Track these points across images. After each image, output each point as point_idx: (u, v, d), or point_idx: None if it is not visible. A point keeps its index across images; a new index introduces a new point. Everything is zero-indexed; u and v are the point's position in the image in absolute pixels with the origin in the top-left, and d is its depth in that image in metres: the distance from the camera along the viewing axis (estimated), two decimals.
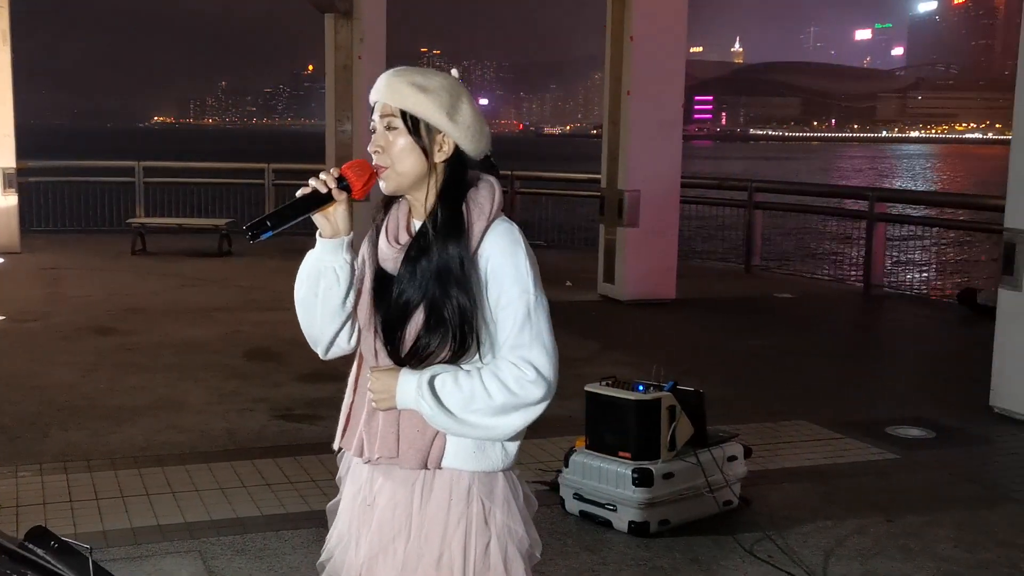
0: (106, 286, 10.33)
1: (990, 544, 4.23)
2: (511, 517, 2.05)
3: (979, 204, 11.75)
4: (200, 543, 4.08)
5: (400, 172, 2.01)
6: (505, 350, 1.99)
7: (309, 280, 2.07)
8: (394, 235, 2.07)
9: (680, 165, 9.98)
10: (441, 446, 2.01)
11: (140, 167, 14.74)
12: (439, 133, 2.01)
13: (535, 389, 1.97)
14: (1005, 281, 6.21)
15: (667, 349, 7.87)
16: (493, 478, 2.04)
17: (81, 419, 5.74)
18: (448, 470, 2.02)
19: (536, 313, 1.99)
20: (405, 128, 2.00)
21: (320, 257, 2.05)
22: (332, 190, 1.98)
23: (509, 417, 1.97)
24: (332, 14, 12.34)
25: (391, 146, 2.01)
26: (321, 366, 6.83)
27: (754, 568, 3.96)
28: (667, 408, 4.24)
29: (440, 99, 2.00)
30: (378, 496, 2.08)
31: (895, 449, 5.49)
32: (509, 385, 1.96)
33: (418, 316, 2.00)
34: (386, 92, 2.02)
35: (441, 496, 2.02)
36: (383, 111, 2.02)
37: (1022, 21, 6.11)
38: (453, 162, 2.03)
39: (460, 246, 1.98)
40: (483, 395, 1.96)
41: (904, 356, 8.09)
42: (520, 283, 1.99)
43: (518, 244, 2.01)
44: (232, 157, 26.56)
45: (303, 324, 2.12)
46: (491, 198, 2.03)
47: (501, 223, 2.02)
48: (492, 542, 2.03)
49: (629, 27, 9.55)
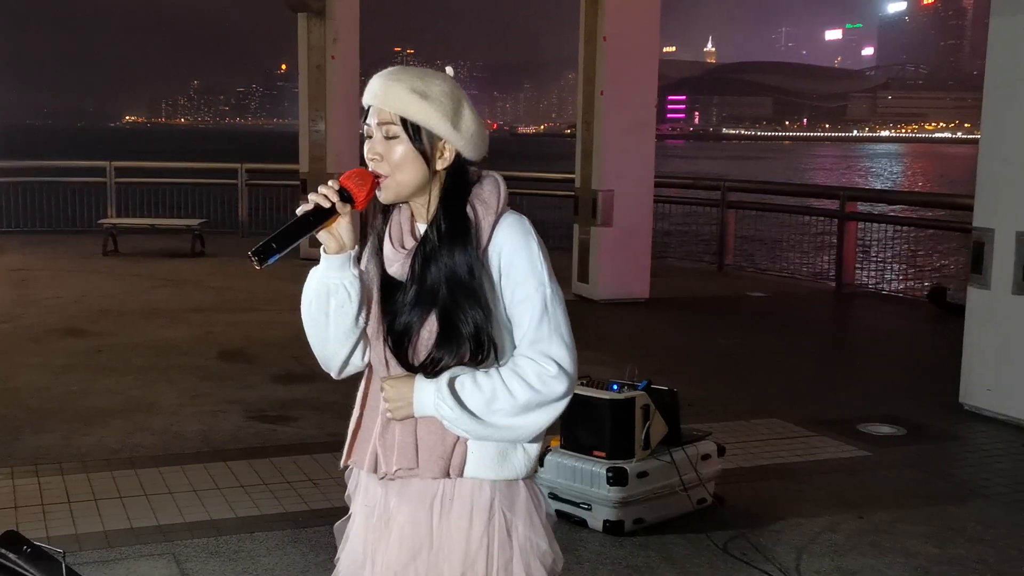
0: (77, 287, 10.25)
1: (960, 540, 4.28)
2: (534, 530, 1.98)
3: (949, 203, 11.87)
4: (174, 545, 4.06)
5: (400, 181, 1.94)
6: (524, 346, 1.93)
7: (318, 300, 1.95)
8: (399, 240, 1.99)
9: (653, 164, 10.02)
10: (463, 452, 1.94)
11: (112, 167, 14.63)
12: (440, 140, 1.94)
13: (558, 384, 1.91)
14: (974, 279, 6.27)
15: (641, 348, 7.90)
16: (515, 487, 1.98)
17: (53, 422, 5.70)
18: (469, 480, 1.95)
19: (553, 305, 1.94)
20: (406, 136, 1.92)
21: (327, 275, 1.93)
22: (335, 204, 1.89)
23: (533, 415, 1.91)
24: (305, 14, 12.28)
25: (390, 154, 1.93)
26: (295, 367, 6.85)
27: (728, 566, 3.99)
28: (641, 407, 4.26)
29: (443, 107, 1.92)
30: (396, 513, 2.00)
31: (866, 446, 5.54)
32: (531, 382, 1.90)
33: (429, 323, 1.93)
34: (384, 97, 1.93)
35: (462, 511, 1.95)
36: (381, 118, 1.93)
37: (990, 22, 6.18)
38: (454, 168, 1.97)
39: (468, 252, 1.91)
40: (505, 394, 1.89)
41: (875, 354, 8.16)
42: (536, 275, 1.93)
43: (529, 235, 1.96)
44: (205, 157, 26.42)
45: (315, 346, 2.01)
46: (496, 193, 1.97)
47: (510, 215, 1.97)
48: (515, 558, 1.96)
49: (602, 27, 9.58)
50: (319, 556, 3.99)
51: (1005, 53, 6.03)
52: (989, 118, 6.16)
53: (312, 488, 4.72)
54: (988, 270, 6.12)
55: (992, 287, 6.11)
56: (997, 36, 6.10)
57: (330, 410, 5.97)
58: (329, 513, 4.43)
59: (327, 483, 4.79)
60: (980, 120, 6.29)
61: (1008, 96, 6.00)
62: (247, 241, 14.27)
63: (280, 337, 7.88)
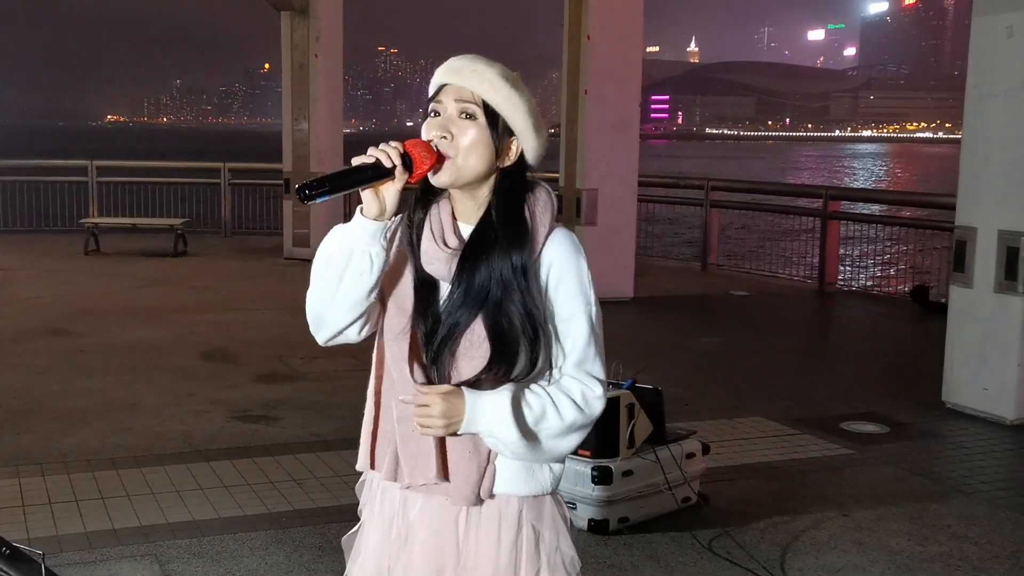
0: (58, 287, 10.18)
1: (942, 537, 4.30)
2: (561, 539, 1.95)
3: (931, 202, 11.93)
4: (156, 546, 4.03)
5: (463, 166, 1.82)
6: (569, 366, 1.87)
7: (337, 259, 1.80)
8: (441, 237, 1.87)
9: (637, 164, 10.03)
10: (493, 472, 1.87)
11: (93, 166, 14.55)
12: (512, 137, 1.86)
13: (599, 405, 1.87)
14: (956, 278, 6.31)
15: (625, 347, 7.89)
16: (541, 501, 1.92)
17: (33, 422, 5.65)
18: (498, 496, 1.88)
19: (598, 325, 1.90)
20: (484, 120, 1.82)
21: (357, 236, 1.79)
22: (396, 166, 1.76)
23: (572, 436, 1.86)
24: (288, 12, 12.25)
25: (462, 135, 1.82)
26: (278, 367, 6.83)
27: (712, 564, 3.99)
28: (626, 406, 4.26)
29: (530, 103, 1.86)
30: (417, 527, 1.91)
31: (850, 444, 5.56)
32: (579, 402, 1.85)
33: (474, 328, 1.83)
34: (473, 78, 1.83)
35: (490, 524, 1.88)
36: (462, 95, 1.82)
37: (971, 22, 6.22)
38: (515, 169, 1.89)
39: (523, 255, 1.83)
40: (554, 414, 1.83)
41: (858, 353, 8.19)
42: (584, 294, 1.89)
43: (580, 253, 1.90)
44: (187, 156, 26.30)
45: (313, 303, 1.87)
46: (551, 204, 1.91)
47: (560, 230, 1.91)
48: (543, 567, 1.92)
49: (586, 26, 9.58)
50: (302, 557, 3.97)
51: (987, 52, 6.05)
52: (971, 117, 6.19)
53: (295, 488, 4.70)
54: (970, 268, 6.15)
55: (974, 285, 6.14)
56: (979, 35, 6.13)
57: (313, 410, 5.95)
58: (313, 513, 4.41)
59: (310, 483, 4.77)
60: (961, 120, 6.33)
61: (990, 95, 6.03)
62: (230, 241, 14.23)
63: (263, 337, 7.85)
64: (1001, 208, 5.96)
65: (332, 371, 6.65)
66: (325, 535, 4.15)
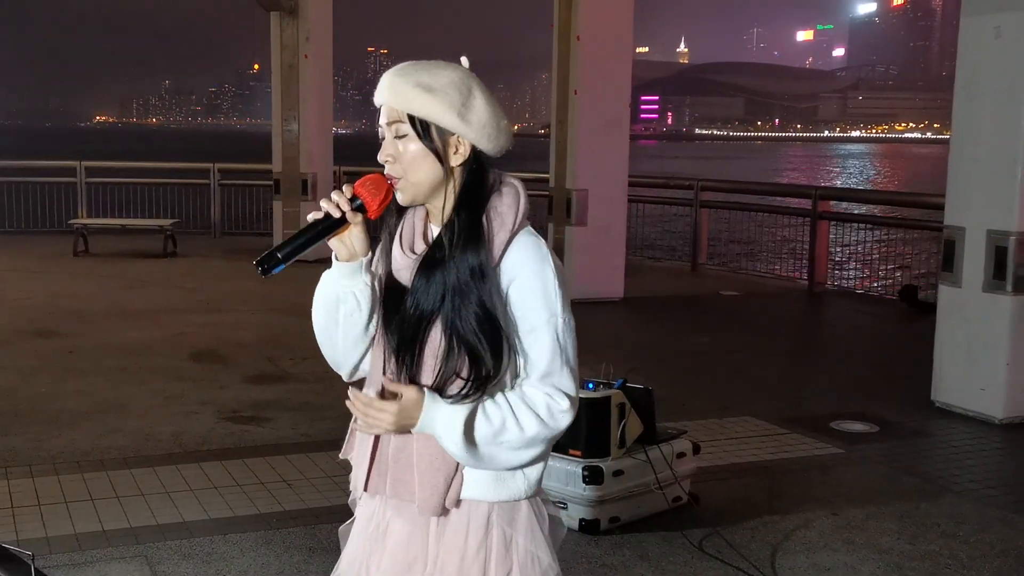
0: (47, 288, 10.14)
1: (932, 536, 4.31)
2: (536, 544, 1.91)
3: (920, 202, 11.96)
4: (146, 548, 4.02)
5: (415, 182, 1.85)
6: (534, 378, 1.85)
7: (327, 306, 1.90)
8: (409, 244, 1.91)
9: (627, 164, 10.04)
10: (459, 484, 1.87)
11: (82, 167, 14.51)
12: (452, 135, 1.85)
13: (565, 419, 1.84)
14: (945, 277, 6.33)
15: (616, 347, 7.91)
16: (515, 506, 1.90)
17: (22, 424, 5.63)
18: (466, 501, 1.88)
19: (565, 337, 1.85)
20: (415, 134, 1.84)
21: (337, 282, 1.88)
22: (346, 213, 1.82)
23: (534, 449, 1.84)
24: (277, 12, 12.23)
25: (402, 155, 1.85)
26: (267, 368, 6.82)
27: (703, 564, 4.00)
28: (616, 406, 4.26)
29: (449, 98, 1.83)
30: (391, 523, 1.95)
31: (839, 444, 5.58)
32: (542, 415, 1.82)
33: (435, 334, 1.84)
34: (390, 95, 1.85)
35: (458, 524, 1.89)
36: (389, 116, 1.86)
37: (960, 21, 6.24)
38: (471, 164, 1.87)
39: (479, 257, 1.81)
40: (515, 427, 1.81)
41: (847, 352, 8.21)
42: (548, 306, 1.84)
43: (545, 261, 1.85)
44: (177, 157, 26.22)
45: (325, 351, 1.96)
46: (515, 206, 1.87)
47: (525, 236, 1.86)
48: (514, 571, 1.89)
49: (576, 27, 9.59)
50: (293, 557, 3.96)
51: (975, 52, 6.07)
52: (959, 117, 6.21)
53: (286, 489, 4.69)
54: (959, 268, 6.17)
55: (963, 285, 6.16)
56: (967, 36, 6.15)
57: (303, 411, 5.94)
58: (303, 514, 4.40)
59: (301, 484, 4.76)
60: (949, 120, 6.35)
61: (978, 95, 6.05)
62: (219, 241, 14.20)
63: (253, 338, 7.83)
64: (990, 208, 5.98)
65: (322, 372, 6.60)
66: (316, 536, 4.14)
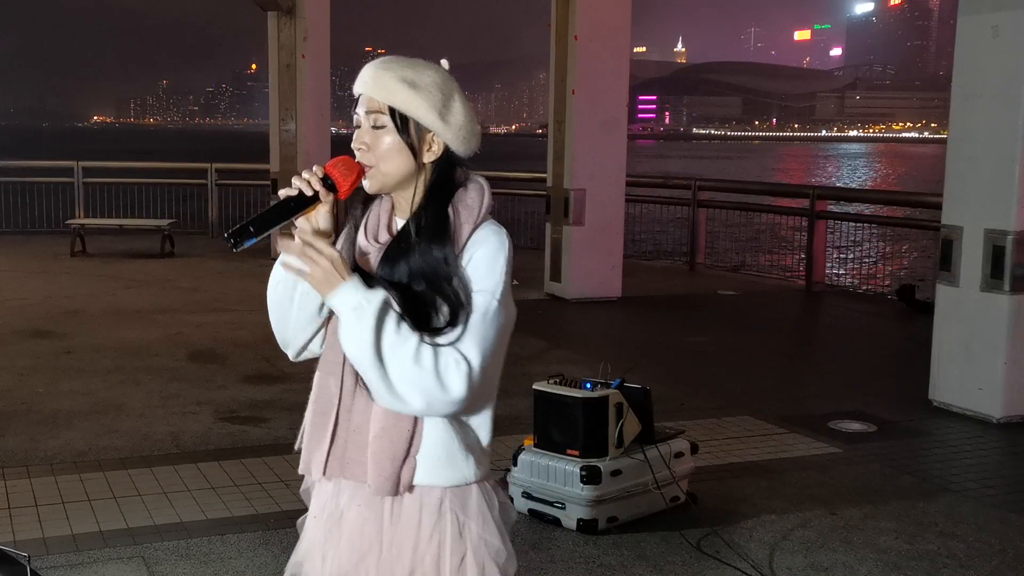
0: (44, 288, 10.13)
1: (930, 535, 4.31)
2: (487, 530, 1.96)
3: (918, 201, 11.97)
4: (143, 548, 4.01)
5: (385, 172, 1.90)
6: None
7: (284, 284, 1.93)
8: (374, 233, 1.97)
9: (625, 164, 10.04)
10: (412, 467, 1.91)
11: (79, 167, 14.49)
12: (428, 132, 1.90)
13: (456, 381, 1.81)
14: (943, 277, 6.33)
15: (614, 347, 7.91)
16: (466, 491, 1.95)
17: (18, 424, 5.62)
18: (419, 487, 1.93)
19: (490, 318, 1.87)
20: (393, 126, 1.89)
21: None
22: (318, 191, 1.85)
23: (415, 390, 1.81)
24: (275, 12, 12.21)
25: (377, 144, 1.90)
26: (265, 368, 6.81)
27: (701, 563, 4.00)
28: (614, 405, 4.26)
29: (432, 97, 1.88)
30: (346, 511, 1.99)
31: (837, 443, 5.58)
32: (438, 362, 1.81)
33: None
34: (373, 86, 1.89)
35: (411, 511, 1.93)
36: (369, 106, 1.90)
37: (958, 21, 6.24)
38: (442, 162, 1.93)
39: (445, 249, 1.87)
40: (412, 351, 1.80)
41: (845, 352, 8.21)
42: (490, 285, 1.89)
43: (501, 250, 1.92)
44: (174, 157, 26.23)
45: (275, 327, 2.01)
46: (480, 200, 1.93)
47: (489, 226, 1.93)
48: (468, 556, 1.94)
49: (574, 26, 9.59)
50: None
51: (972, 52, 6.08)
52: (957, 116, 6.21)
53: (283, 489, 4.69)
54: (956, 267, 6.18)
55: (961, 284, 6.17)
56: (964, 35, 6.15)
57: (301, 410, 5.88)
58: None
59: (298, 484, 4.74)
60: (946, 120, 6.35)
61: (975, 94, 6.05)
62: (217, 241, 14.18)
63: (250, 338, 7.83)
64: (987, 207, 5.99)
65: None
66: None
